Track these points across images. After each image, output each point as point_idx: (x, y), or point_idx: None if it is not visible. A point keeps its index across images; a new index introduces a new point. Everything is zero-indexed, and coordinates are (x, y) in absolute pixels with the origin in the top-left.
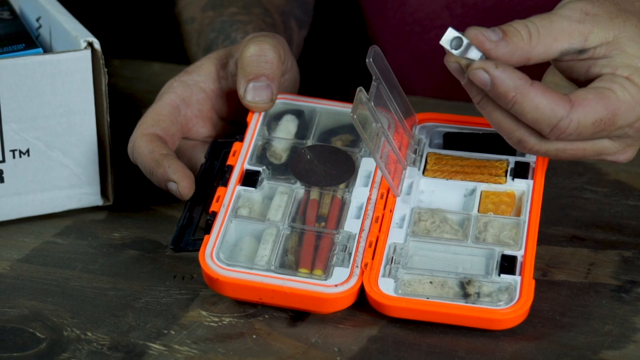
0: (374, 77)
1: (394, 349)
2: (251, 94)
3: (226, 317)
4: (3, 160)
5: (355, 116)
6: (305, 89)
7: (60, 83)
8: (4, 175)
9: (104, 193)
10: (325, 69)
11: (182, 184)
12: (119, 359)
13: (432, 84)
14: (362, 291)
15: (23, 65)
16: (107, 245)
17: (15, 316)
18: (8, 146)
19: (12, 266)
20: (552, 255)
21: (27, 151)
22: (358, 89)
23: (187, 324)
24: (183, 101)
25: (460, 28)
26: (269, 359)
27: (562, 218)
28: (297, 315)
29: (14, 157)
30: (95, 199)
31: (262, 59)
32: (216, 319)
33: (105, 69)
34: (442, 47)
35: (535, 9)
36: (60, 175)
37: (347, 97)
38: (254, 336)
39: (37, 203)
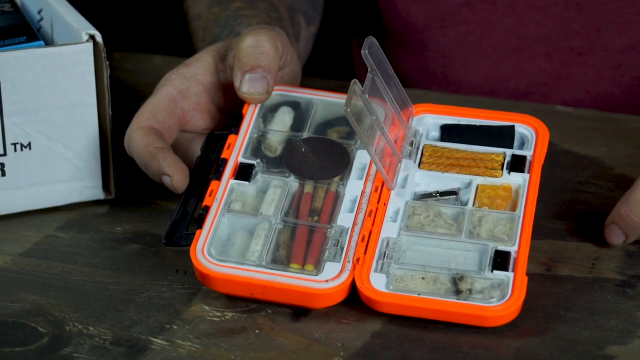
0: (369, 69)
1: (397, 344)
2: (247, 85)
3: (229, 311)
4: (4, 154)
5: (348, 109)
6: (308, 83)
7: (62, 76)
8: (6, 168)
9: (105, 187)
10: (328, 64)
11: (176, 177)
12: (121, 353)
13: (454, 80)
14: (354, 286)
15: (24, 58)
16: (109, 239)
17: (17, 310)
18: (9, 139)
19: (13, 260)
20: (556, 250)
21: (29, 144)
22: (352, 81)
23: (189, 319)
24: (180, 94)
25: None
26: (272, 354)
27: (566, 212)
28: (300, 310)
29: (15, 150)
30: (97, 193)
31: (258, 50)
32: (219, 314)
33: (107, 62)
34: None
35: (555, 6)
36: (62, 169)
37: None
38: (257, 331)
39: (39, 196)
